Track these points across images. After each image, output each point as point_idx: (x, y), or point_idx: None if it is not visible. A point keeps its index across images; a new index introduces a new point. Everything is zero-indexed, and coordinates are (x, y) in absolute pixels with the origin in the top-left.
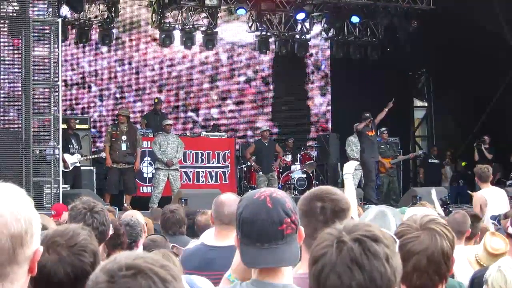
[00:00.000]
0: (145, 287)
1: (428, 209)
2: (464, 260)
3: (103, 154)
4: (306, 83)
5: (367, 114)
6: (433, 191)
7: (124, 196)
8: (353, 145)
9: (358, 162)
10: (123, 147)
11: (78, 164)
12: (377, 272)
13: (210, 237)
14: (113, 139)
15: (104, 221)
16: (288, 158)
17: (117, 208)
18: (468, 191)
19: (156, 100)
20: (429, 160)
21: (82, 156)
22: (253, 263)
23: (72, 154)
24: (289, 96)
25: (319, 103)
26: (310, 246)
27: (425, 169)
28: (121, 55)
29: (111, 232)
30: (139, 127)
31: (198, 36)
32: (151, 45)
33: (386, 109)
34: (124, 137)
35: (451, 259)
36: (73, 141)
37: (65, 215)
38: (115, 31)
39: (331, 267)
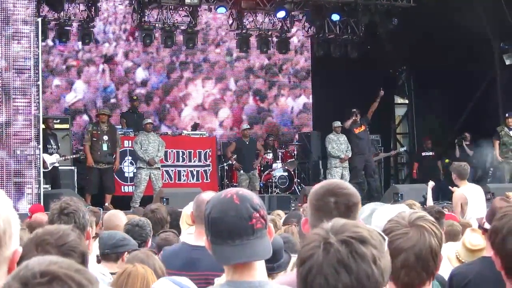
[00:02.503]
0: None
1: (403, 207)
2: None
3: (80, 155)
4: (287, 82)
5: (354, 110)
6: (430, 183)
7: (105, 196)
8: (333, 142)
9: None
10: (105, 147)
11: (56, 164)
12: (364, 274)
13: (190, 236)
14: (94, 139)
15: (80, 218)
16: (269, 156)
17: (101, 209)
18: (449, 187)
19: (135, 98)
20: (423, 153)
21: (60, 156)
22: (226, 261)
23: (51, 154)
24: (271, 95)
25: (300, 101)
26: None
27: (420, 163)
28: (103, 55)
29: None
30: (119, 127)
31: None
32: (134, 45)
33: (377, 99)
34: (105, 137)
35: (439, 256)
36: (51, 141)
37: (36, 216)
38: (96, 30)
39: (318, 268)
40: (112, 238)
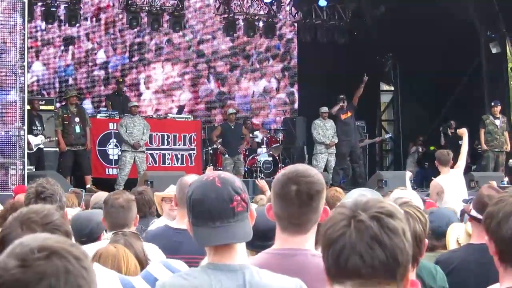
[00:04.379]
0: (61, 268)
1: (412, 192)
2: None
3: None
4: (273, 67)
5: (341, 96)
6: (408, 173)
7: (85, 178)
8: (319, 128)
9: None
10: (77, 129)
11: (41, 146)
12: (398, 248)
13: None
14: (66, 122)
15: (60, 199)
16: (257, 139)
17: (83, 190)
18: (432, 177)
19: (121, 80)
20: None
21: (45, 138)
22: (205, 242)
23: (36, 135)
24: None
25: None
26: (285, 228)
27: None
28: (93, 38)
29: None
30: (104, 109)
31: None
32: (123, 27)
33: (362, 85)
34: (77, 119)
35: (423, 242)
36: (36, 122)
37: (20, 196)
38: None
39: (352, 247)
40: (85, 227)
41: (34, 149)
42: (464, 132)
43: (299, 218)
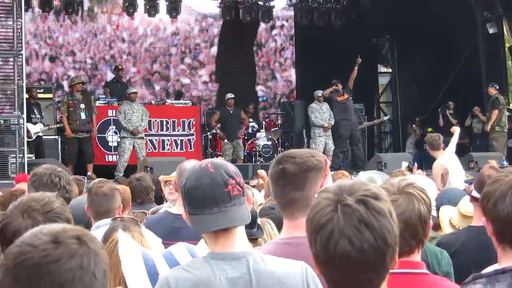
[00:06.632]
0: (93, 250)
1: (423, 177)
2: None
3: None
4: (272, 51)
5: (333, 81)
6: (404, 163)
7: (86, 165)
8: (316, 112)
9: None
10: (83, 115)
11: (40, 134)
12: (386, 230)
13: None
14: (71, 109)
15: (70, 181)
16: (252, 124)
17: (85, 178)
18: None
19: (120, 67)
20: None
21: (44, 126)
22: (204, 229)
23: (35, 123)
24: (253, 64)
25: (285, 71)
26: (282, 210)
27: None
28: (92, 26)
29: None
30: (103, 96)
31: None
32: (123, 16)
33: (355, 67)
34: (82, 106)
35: (428, 223)
36: (35, 110)
37: (20, 185)
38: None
39: (340, 231)
40: (80, 210)
41: (34, 137)
42: (455, 129)
43: (284, 197)
